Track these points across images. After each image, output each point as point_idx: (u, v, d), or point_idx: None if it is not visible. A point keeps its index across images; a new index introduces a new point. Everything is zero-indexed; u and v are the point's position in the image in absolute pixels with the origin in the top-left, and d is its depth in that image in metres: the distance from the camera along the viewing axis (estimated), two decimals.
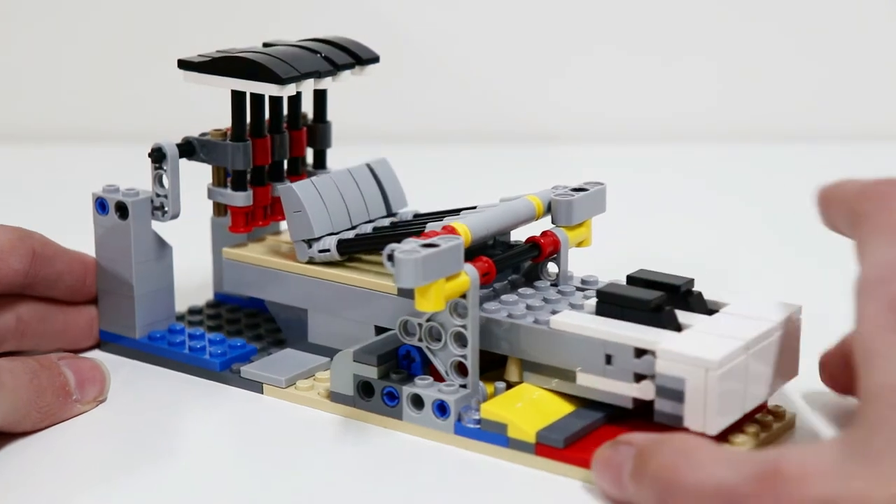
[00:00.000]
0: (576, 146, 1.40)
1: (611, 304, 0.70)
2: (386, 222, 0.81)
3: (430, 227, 0.74)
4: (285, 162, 0.83)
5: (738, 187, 1.27)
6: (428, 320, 0.72)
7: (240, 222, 0.81)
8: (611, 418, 0.70)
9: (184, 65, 0.80)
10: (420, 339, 0.72)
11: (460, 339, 0.71)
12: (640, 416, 0.69)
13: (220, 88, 0.79)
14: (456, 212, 0.79)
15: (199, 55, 0.81)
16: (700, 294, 0.72)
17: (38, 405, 0.71)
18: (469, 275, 0.69)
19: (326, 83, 0.80)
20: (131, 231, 0.80)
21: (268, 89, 0.77)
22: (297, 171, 0.84)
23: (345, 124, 0.92)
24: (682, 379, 0.65)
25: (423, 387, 0.71)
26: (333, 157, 0.87)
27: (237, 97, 0.79)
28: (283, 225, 0.84)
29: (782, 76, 1.45)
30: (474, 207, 0.78)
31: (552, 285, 0.76)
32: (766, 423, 0.71)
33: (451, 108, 1.47)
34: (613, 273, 0.77)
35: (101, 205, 0.81)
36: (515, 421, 0.69)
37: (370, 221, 0.82)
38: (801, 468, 0.55)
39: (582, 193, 0.77)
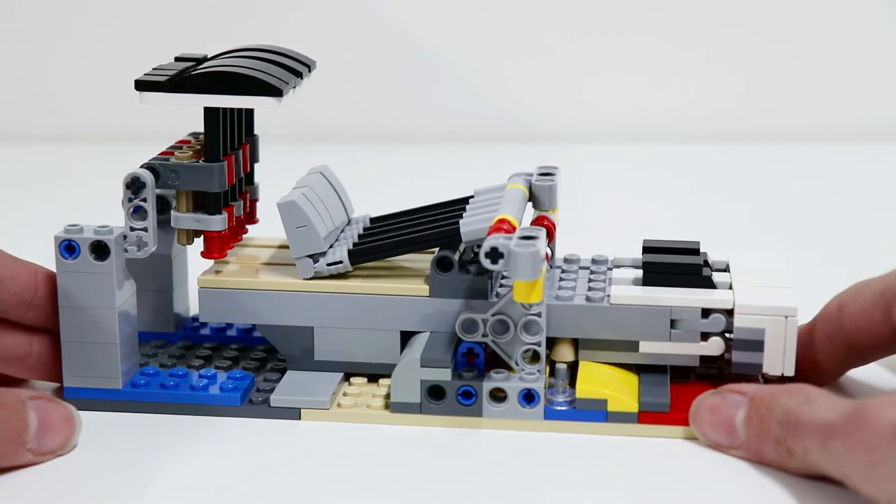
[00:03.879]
0: (574, 146, 1.40)
1: (658, 273, 0.75)
2: (359, 228, 0.80)
3: (469, 222, 0.74)
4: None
5: (727, 187, 1.29)
6: (494, 315, 0.73)
7: (215, 247, 0.77)
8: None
9: (144, 85, 0.74)
10: (484, 335, 0.73)
11: (532, 328, 0.73)
12: (684, 372, 0.75)
13: (191, 107, 0.74)
14: (431, 208, 0.80)
15: (147, 74, 0.75)
16: (707, 254, 0.78)
17: None
18: (545, 264, 0.71)
19: (295, 93, 0.77)
20: (113, 272, 0.73)
21: (264, 104, 0.73)
22: (242, 189, 0.80)
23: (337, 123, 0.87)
24: (762, 329, 0.72)
25: (503, 380, 0.72)
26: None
27: (213, 115, 0.75)
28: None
29: (780, 77, 1.47)
30: (467, 200, 0.79)
31: (550, 267, 0.80)
32: None
33: (450, 108, 1.43)
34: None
35: (67, 248, 0.73)
36: (615, 395, 0.72)
37: (342, 230, 0.80)
38: (881, 402, 0.64)
39: (555, 178, 0.81)
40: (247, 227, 0.81)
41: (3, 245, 0.75)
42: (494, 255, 0.68)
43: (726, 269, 0.78)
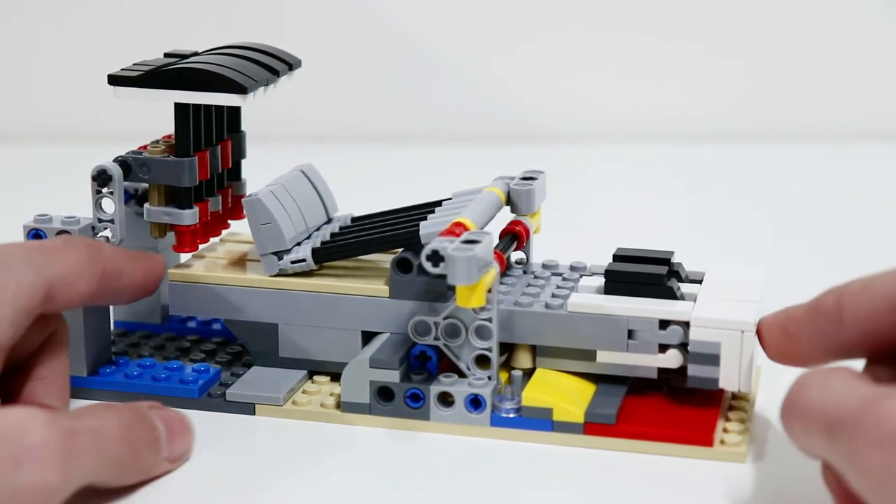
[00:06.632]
0: (574, 146, 1.40)
1: (620, 281, 0.73)
2: (335, 227, 0.80)
3: (430, 224, 0.74)
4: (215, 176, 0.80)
5: (727, 187, 1.28)
6: (445, 318, 0.72)
7: (186, 241, 0.78)
8: (630, 389, 0.73)
9: (116, 80, 0.75)
10: (436, 338, 0.73)
11: (483, 333, 0.72)
12: (650, 383, 0.73)
13: (162, 103, 0.75)
14: (415, 208, 0.79)
15: (123, 69, 0.76)
16: (681, 265, 0.77)
17: (131, 462, 0.64)
18: (494, 268, 0.70)
19: (269, 92, 0.78)
20: None
21: (229, 100, 0.74)
22: (223, 184, 0.81)
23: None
24: (718, 343, 0.70)
25: (451, 384, 0.72)
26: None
27: (183, 110, 0.76)
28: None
29: (780, 77, 1.46)
30: (438, 203, 0.79)
31: (524, 273, 0.79)
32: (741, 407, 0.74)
33: (449, 108, 1.44)
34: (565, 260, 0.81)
35: (35, 237, 0.75)
36: (561, 404, 0.71)
37: (318, 228, 0.80)
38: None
39: (536, 182, 0.80)
40: (230, 222, 0.82)
41: None
42: (435, 258, 0.68)
43: (701, 281, 0.76)
